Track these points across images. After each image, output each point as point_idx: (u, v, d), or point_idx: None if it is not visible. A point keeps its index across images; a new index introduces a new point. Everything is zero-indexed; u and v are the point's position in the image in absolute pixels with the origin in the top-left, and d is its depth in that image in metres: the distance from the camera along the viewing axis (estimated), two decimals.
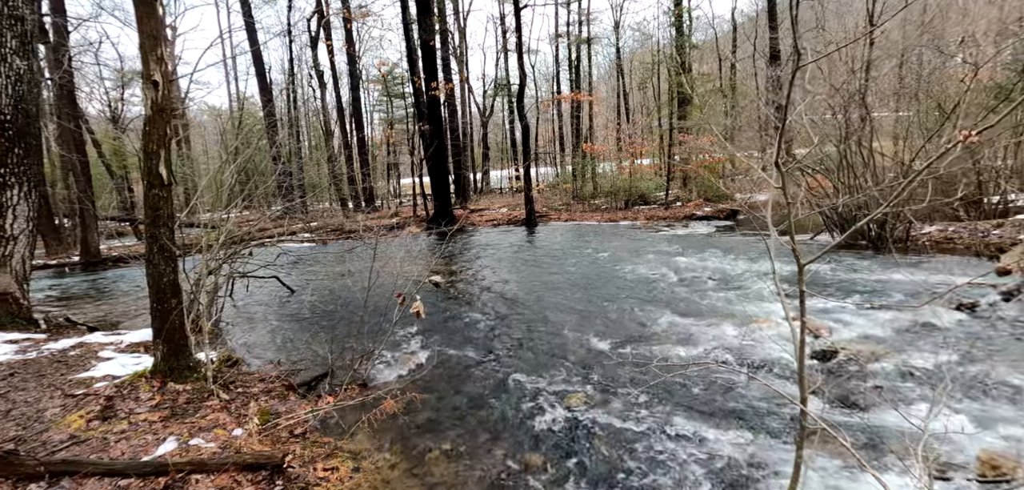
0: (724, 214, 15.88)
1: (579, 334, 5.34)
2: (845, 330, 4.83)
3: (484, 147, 28.71)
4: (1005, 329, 4.54)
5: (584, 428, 3.36)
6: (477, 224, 17.26)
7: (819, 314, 5.42)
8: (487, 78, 43.94)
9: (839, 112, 10.08)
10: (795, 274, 6.52)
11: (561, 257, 10.03)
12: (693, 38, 22.93)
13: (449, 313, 6.43)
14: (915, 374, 3.76)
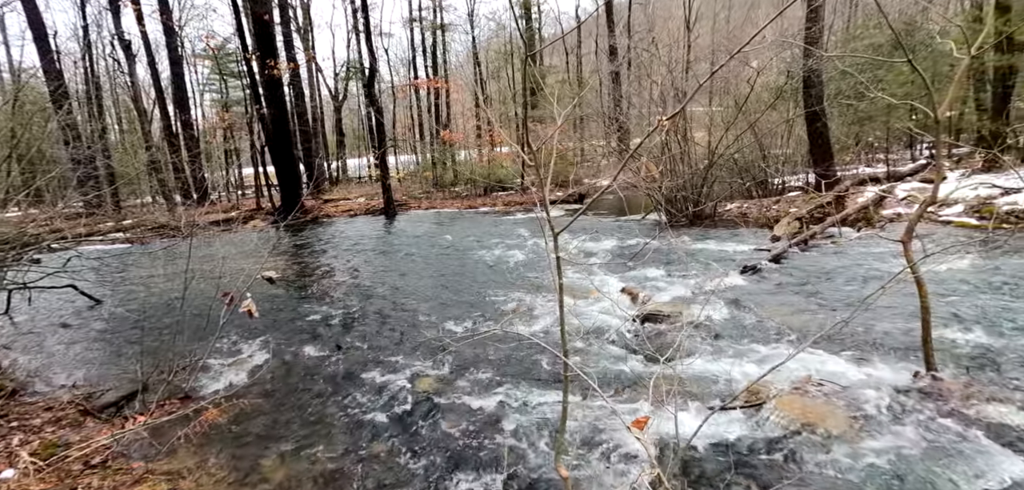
0: (574, 198, 17.13)
1: (434, 319, 5.39)
2: (661, 295, 5.58)
3: (339, 133, 27.08)
4: (771, 285, 5.66)
5: (433, 410, 3.42)
6: (332, 215, 16.28)
7: (641, 282, 6.18)
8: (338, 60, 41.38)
9: (660, 106, 11.48)
10: (629, 249, 7.29)
11: (419, 245, 9.96)
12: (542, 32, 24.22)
13: (294, 310, 6.01)
14: (709, 326, 4.51)
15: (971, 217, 7.92)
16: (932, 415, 2.77)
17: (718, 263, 6.88)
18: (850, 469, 2.46)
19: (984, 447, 2.51)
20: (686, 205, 10.63)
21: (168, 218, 13.51)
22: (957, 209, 8.27)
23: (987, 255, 6.00)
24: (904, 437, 2.62)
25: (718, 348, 4.06)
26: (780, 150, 15.59)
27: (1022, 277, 5.02)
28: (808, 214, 8.51)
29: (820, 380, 3.16)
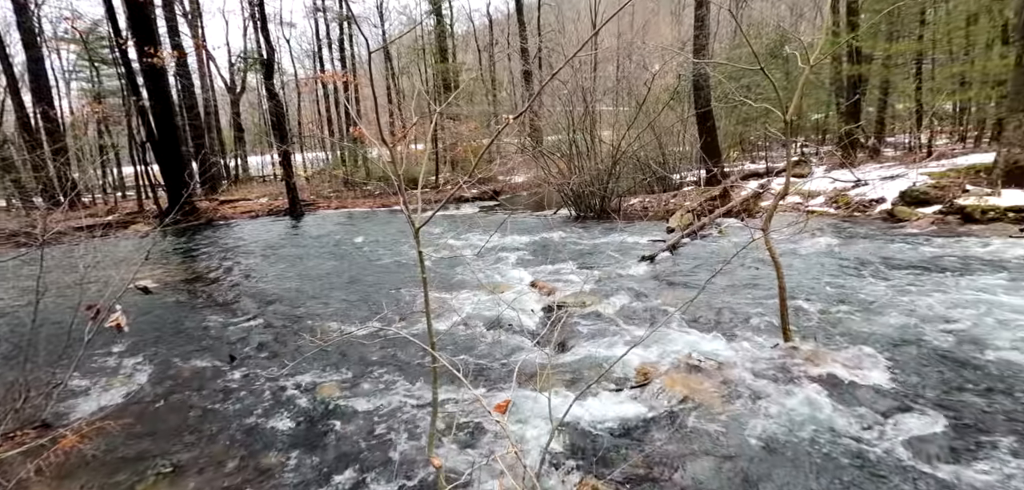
0: (489, 194, 17.28)
1: (340, 324, 5.21)
2: (568, 287, 5.82)
3: (237, 129, 25.08)
4: (666, 273, 6.12)
5: (334, 415, 3.31)
6: (230, 217, 15.09)
7: (551, 275, 6.41)
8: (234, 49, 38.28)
9: (568, 106, 11.90)
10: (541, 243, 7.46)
11: (327, 246, 9.54)
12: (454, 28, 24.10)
13: (181, 322, 5.51)
14: (609, 315, 4.78)
15: (830, 207, 9.07)
16: (787, 377, 3.16)
17: (621, 254, 7.29)
18: (723, 429, 2.74)
19: (824, 399, 2.91)
20: (593, 200, 11.13)
21: (22, 224, 11.75)
22: (820, 200, 9.44)
23: (840, 239, 6.91)
24: (765, 397, 2.97)
25: (617, 332, 4.32)
26: (678, 148, 16.80)
27: (863, 258, 5.85)
28: (699, 207, 9.27)
29: (700, 357, 3.48)
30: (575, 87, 12.28)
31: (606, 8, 25.08)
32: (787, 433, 2.67)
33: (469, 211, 14.44)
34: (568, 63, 7.34)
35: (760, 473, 2.41)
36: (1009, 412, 2.71)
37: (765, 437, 2.66)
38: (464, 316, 5.07)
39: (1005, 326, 3.67)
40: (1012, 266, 5.03)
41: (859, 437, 2.61)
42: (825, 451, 2.52)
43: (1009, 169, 7.57)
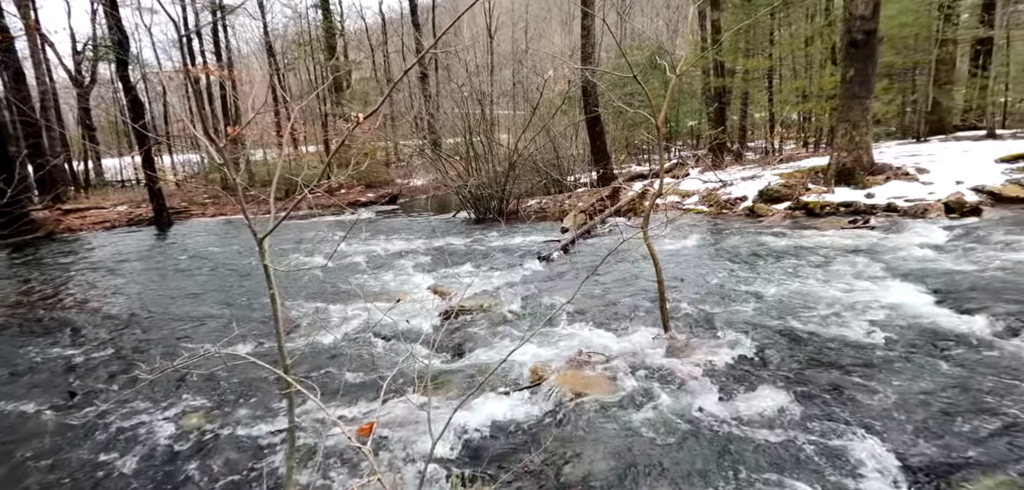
0: (387, 198, 16.74)
1: (213, 345, 4.68)
2: (466, 291, 5.78)
3: (86, 127, 21.70)
4: (560, 272, 6.34)
5: (198, 446, 2.95)
6: (78, 228, 13.03)
7: (450, 279, 6.33)
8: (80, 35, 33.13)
9: (463, 108, 11.89)
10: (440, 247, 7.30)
11: (198, 260, 8.59)
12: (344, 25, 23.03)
13: (10, 358, 4.61)
14: (508, 316, 4.83)
15: (703, 205, 10.02)
16: (667, 365, 3.41)
17: (519, 255, 7.42)
18: (609, 419, 2.87)
19: (699, 381, 3.18)
20: (492, 202, 11.23)
21: None
22: (694, 199, 10.38)
23: (712, 234, 7.65)
24: (648, 386, 3.17)
25: (516, 333, 4.37)
26: (573, 151, 17.53)
27: (729, 251, 6.53)
28: (591, 207, 9.75)
29: (590, 353, 3.62)
30: (471, 90, 12.31)
31: (501, 13, 25.55)
32: (667, 416, 2.87)
33: (366, 215, 13.86)
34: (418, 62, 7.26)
35: (643, 456, 2.56)
36: (836, 381, 3.15)
37: (647, 422, 2.83)
38: (356, 327, 4.82)
39: (837, 305, 4.29)
40: (843, 253, 5.90)
41: (726, 413, 2.87)
42: (700, 429, 2.74)
43: (839, 170, 8.91)
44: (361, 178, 17.77)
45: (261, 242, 1.74)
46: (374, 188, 17.50)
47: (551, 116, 11.99)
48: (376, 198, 16.51)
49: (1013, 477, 2.21)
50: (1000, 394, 2.84)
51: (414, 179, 19.45)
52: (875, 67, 8.89)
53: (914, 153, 10.93)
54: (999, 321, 3.75)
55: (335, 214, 14.58)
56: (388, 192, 16.84)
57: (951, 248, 5.81)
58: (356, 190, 17.49)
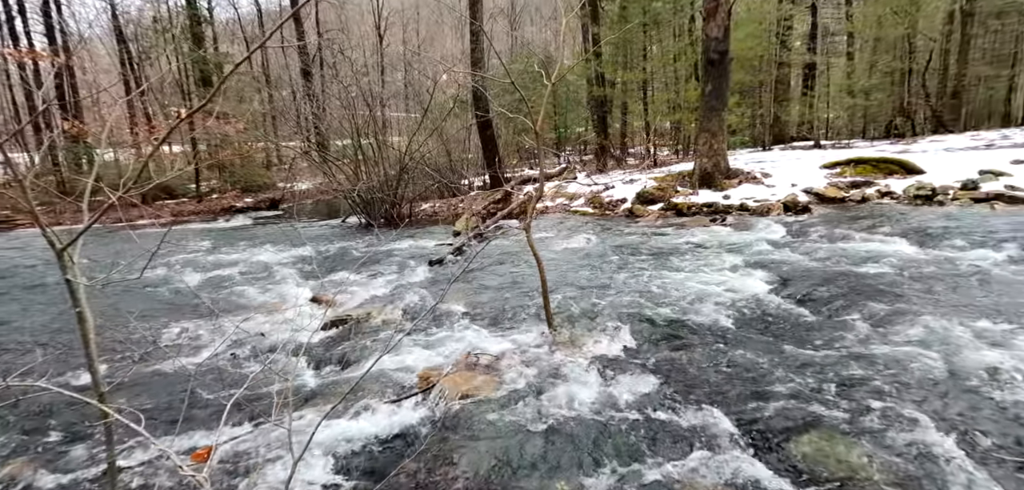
0: (267, 203, 15.50)
1: (46, 371, 3.96)
2: (352, 299, 5.54)
3: None
4: (453, 275, 6.32)
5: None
6: None
7: (336, 287, 6.02)
8: None
9: (350, 110, 11.41)
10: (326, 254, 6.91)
11: (24, 278, 7.24)
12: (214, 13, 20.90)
13: None
14: (395, 323, 4.70)
15: (588, 207, 10.62)
16: (551, 360, 3.55)
17: (411, 259, 7.28)
18: (496, 417, 2.91)
19: (579, 373, 3.35)
20: (383, 206, 10.89)
21: None
22: (580, 201, 10.97)
23: (595, 233, 8.14)
24: (533, 382, 3.27)
25: (405, 340, 4.26)
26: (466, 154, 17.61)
27: (611, 249, 6.99)
28: (483, 209, 9.87)
29: (478, 354, 3.65)
30: (359, 91, 11.84)
31: (390, 13, 24.90)
32: (548, 409, 2.98)
33: (242, 222, 12.70)
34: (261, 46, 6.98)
35: (524, 448, 2.63)
36: (693, 360, 3.51)
37: (530, 416, 2.92)
38: (220, 345, 4.38)
39: (698, 294, 4.79)
40: (705, 248, 6.61)
41: (602, 399, 3.06)
42: (579, 417, 2.88)
43: (702, 175, 9.97)
44: (236, 182, 16.25)
45: (62, 253, 1.51)
46: (252, 193, 16.09)
47: (442, 119, 11.93)
48: (255, 203, 15.21)
49: (829, 430, 2.63)
50: (819, 362, 3.36)
51: (299, 183, 18.24)
52: (728, 83, 10.09)
53: (761, 160, 12.59)
54: (820, 301, 4.44)
55: (204, 221, 13.19)
56: (268, 197, 15.59)
57: (786, 241, 6.77)
58: (231, 194, 15.95)
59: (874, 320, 3.94)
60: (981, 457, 2.33)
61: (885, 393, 2.90)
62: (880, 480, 2.24)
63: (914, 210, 7.90)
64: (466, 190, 14.75)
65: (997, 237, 5.87)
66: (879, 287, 4.63)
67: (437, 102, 15.03)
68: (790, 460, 2.46)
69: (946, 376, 3.04)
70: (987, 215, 7.21)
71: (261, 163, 18.71)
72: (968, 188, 8.44)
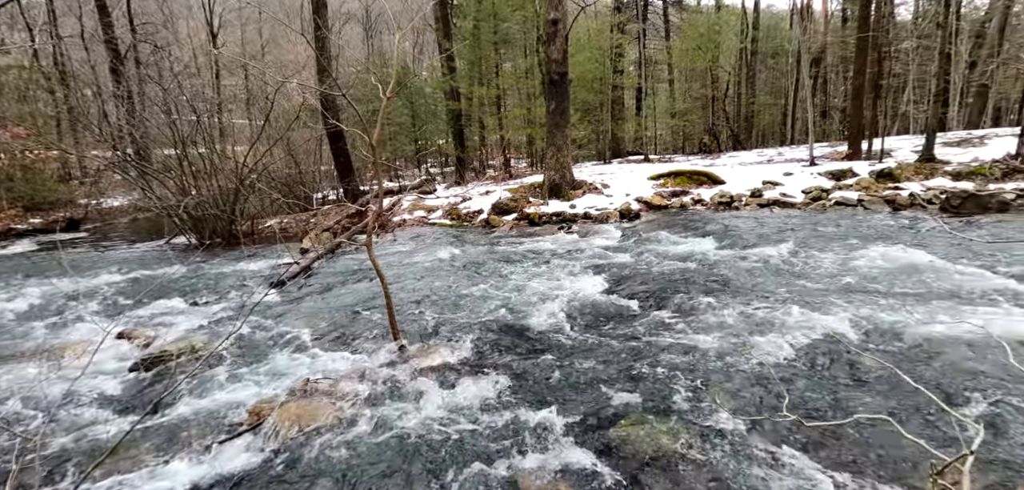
0: (63, 223, 12.83)
1: None
2: (172, 332, 4.84)
3: None
4: (299, 297, 5.89)
5: None
6: None
7: (151, 320, 5.21)
8: None
9: (175, 115, 10.04)
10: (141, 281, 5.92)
11: None
12: None
13: None
14: (226, 356, 4.21)
15: (447, 218, 10.70)
16: (398, 377, 3.49)
17: (250, 282, 6.61)
18: (338, 441, 2.77)
19: (427, 386, 3.34)
20: (219, 224, 9.73)
21: None
22: (439, 213, 11.01)
23: (452, 244, 8.22)
24: (378, 400, 3.18)
25: (235, 374, 3.84)
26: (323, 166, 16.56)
27: (467, 259, 7.13)
28: (336, 224, 9.37)
29: (318, 377, 3.45)
30: (183, 94, 10.45)
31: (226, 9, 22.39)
32: (395, 427, 2.93)
33: (24, 248, 10.34)
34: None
35: (368, 472, 2.55)
36: (535, 362, 3.75)
37: (374, 439, 2.84)
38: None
39: (543, 297, 5.11)
40: (553, 255, 7.08)
41: (449, 410, 3.09)
42: (426, 433, 2.87)
43: (550, 186, 10.68)
44: (17, 198, 13.21)
45: None
46: (41, 211, 13.19)
47: (287, 129, 11.08)
48: (45, 224, 12.48)
49: (641, 414, 2.98)
50: (637, 352, 3.80)
51: (110, 199, 15.46)
52: (569, 102, 10.98)
53: (602, 172, 13.90)
54: (643, 297, 5.04)
55: None
56: (64, 216, 12.91)
57: (621, 245, 7.56)
58: (9, 215, 12.88)
59: (682, 310, 4.59)
60: (753, 422, 2.84)
61: (686, 373, 3.39)
62: (678, 449, 2.61)
63: (718, 214, 9.39)
64: (319, 205, 13.88)
65: (773, 234, 7.25)
66: (689, 281, 5.40)
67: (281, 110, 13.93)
68: (610, 445, 2.73)
69: (732, 353, 3.65)
70: (767, 216, 8.86)
71: (54, 175, 15.45)
72: (755, 195, 10.27)
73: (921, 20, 17.39)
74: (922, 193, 9.24)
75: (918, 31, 16.33)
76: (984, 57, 15.99)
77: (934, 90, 12.96)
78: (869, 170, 11.14)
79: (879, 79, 14.12)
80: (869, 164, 11.91)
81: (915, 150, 12.59)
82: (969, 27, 17.85)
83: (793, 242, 6.74)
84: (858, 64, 13.16)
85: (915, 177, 10.42)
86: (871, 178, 10.66)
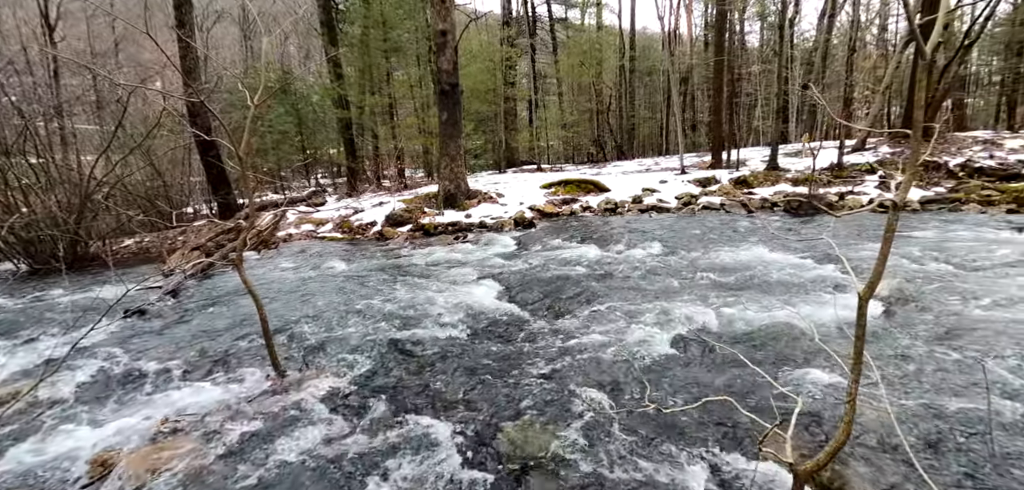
0: None
1: None
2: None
3: None
4: (160, 325, 5.27)
5: None
6: None
7: None
8: None
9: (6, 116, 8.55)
10: None
11: None
12: None
13: None
14: (64, 399, 3.64)
15: (337, 232, 10.23)
16: (276, 407, 3.27)
17: (99, 312, 5.77)
18: (202, 486, 2.53)
19: (309, 413, 3.17)
20: (58, 245, 8.39)
21: None
22: (329, 226, 10.49)
23: (343, 260, 7.88)
24: (251, 434, 2.95)
25: (73, 419, 3.33)
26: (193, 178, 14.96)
27: (357, 275, 6.88)
28: (209, 242, 8.53)
29: (179, 417, 3.12)
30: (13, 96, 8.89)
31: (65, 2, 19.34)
32: (268, 462, 2.74)
33: None
34: None
35: None
36: (427, 376, 3.73)
37: (248, 476, 2.63)
38: None
39: (437, 309, 5.10)
40: (448, 265, 7.08)
41: (333, 435, 2.96)
42: (306, 462, 2.72)
43: (445, 196, 10.68)
44: None
45: None
46: None
47: (146, 136, 9.89)
48: None
49: (527, 418, 3.10)
50: (526, 357, 3.95)
51: None
52: (462, 112, 11.09)
53: (497, 181, 14.19)
54: (534, 303, 5.24)
55: None
56: None
57: (515, 253, 7.78)
58: None
59: (569, 313, 4.85)
60: (623, 414, 3.09)
61: (569, 374, 3.58)
62: (559, 449, 2.75)
63: (605, 219, 10.04)
64: (189, 220, 12.55)
65: (651, 237, 7.92)
66: (577, 284, 5.71)
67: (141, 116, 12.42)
68: (498, 452, 2.80)
69: (609, 350, 3.93)
70: (647, 221, 9.66)
71: None
72: (636, 201, 11.14)
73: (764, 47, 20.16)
74: (770, 197, 10.66)
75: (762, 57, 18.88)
76: (812, 81, 19.01)
77: (775, 108, 15.08)
78: (729, 178, 12.61)
79: (734, 97, 16.07)
80: (729, 172, 13.48)
81: (764, 160, 14.49)
82: (801, 55, 21.12)
83: (667, 244, 7.43)
84: (716, 84, 14.88)
85: (764, 183, 11.99)
86: (731, 185, 12.07)
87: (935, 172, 11.29)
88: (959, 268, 5.38)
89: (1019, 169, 10.51)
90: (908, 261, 5.71)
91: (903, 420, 2.73)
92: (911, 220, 8.08)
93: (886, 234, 1.90)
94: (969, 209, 8.58)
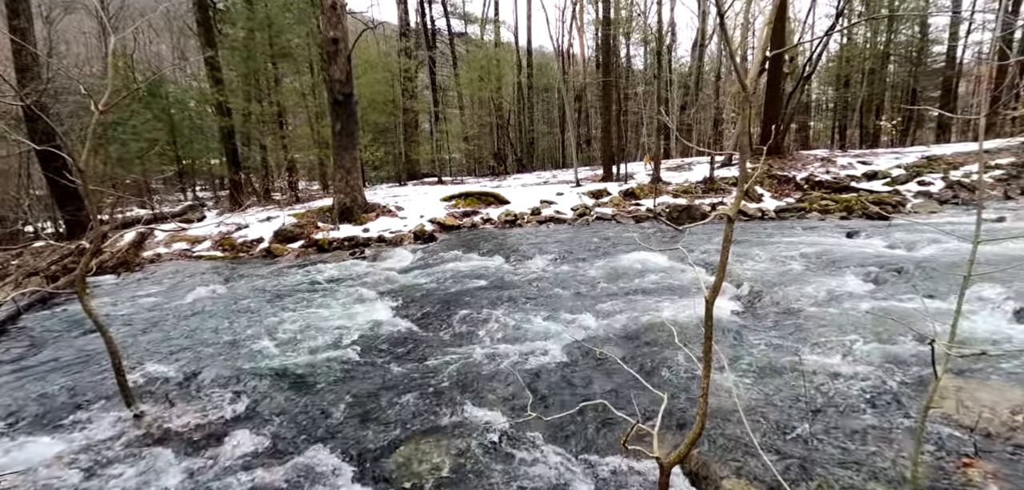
0: None
1: None
2: None
3: None
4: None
5: None
6: None
7: None
8: None
9: None
10: None
11: None
12: None
13: None
14: None
15: (217, 250, 9.36)
16: (130, 451, 2.91)
17: None
18: None
19: (170, 456, 2.86)
20: None
21: None
22: (207, 244, 9.57)
23: (222, 281, 7.22)
24: (95, 485, 2.60)
25: None
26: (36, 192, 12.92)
27: (239, 296, 6.35)
28: (52, 267, 7.37)
29: (7, 474, 2.66)
30: None
31: None
32: None
33: None
34: None
35: None
36: (309, 402, 3.55)
37: None
38: None
39: (329, 329, 4.86)
40: (344, 282, 6.78)
41: (199, 479, 2.70)
42: None
43: (341, 210, 10.24)
44: None
45: None
46: None
47: None
48: None
49: (418, 437, 3.06)
50: (420, 375, 3.90)
51: None
52: (357, 123, 10.74)
53: (396, 194, 13.90)
54: (432, 318, 5.19)
55: None
56: None
57: (415, 267, 7.66)
58: None
59: (465, 327, 4.87)
60: (510, 424, 3.17)
61: (460, 388, 3.61)
62: (451, 466, 2.76)
63: (505, 231, 10.24)
64: (33, 238, 10.81)
65: (548, 248, 8.22)
66: (475, 297, 5.75)
67: None
68: (386, 474, 2.74)
69: (499, 362, 4.01)
70: (545, 232, 10.01)
71: None
72: (535, 213, 11.51)
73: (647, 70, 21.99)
74: (655, 208, 11.59)
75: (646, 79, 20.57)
76: (688, 102, 21.12)
77: (657, 126, 16.50)
78: (619, 190, 13.51)
79: (622, 115, 17.28)
80: (618, 185, 14.44)
81: (648, 173, 15.73)
82: (678, 79, 23.37)
83: (562, 255, 7.76)
84: (605, 103, 15.93)
85: (649, 195, 13.00)
86: (620, 197, 12.93)
87: (786, 184, 13.03)
88: (801, 268, 6.25)
89: (847, 182, 12.48)
90: (762, 263, 6.52)
91: (749, 409, 3.11)
92: (769, 226, 9.24)
93: (724, 244, 2.16)
94: (812, 216, 10.01)
